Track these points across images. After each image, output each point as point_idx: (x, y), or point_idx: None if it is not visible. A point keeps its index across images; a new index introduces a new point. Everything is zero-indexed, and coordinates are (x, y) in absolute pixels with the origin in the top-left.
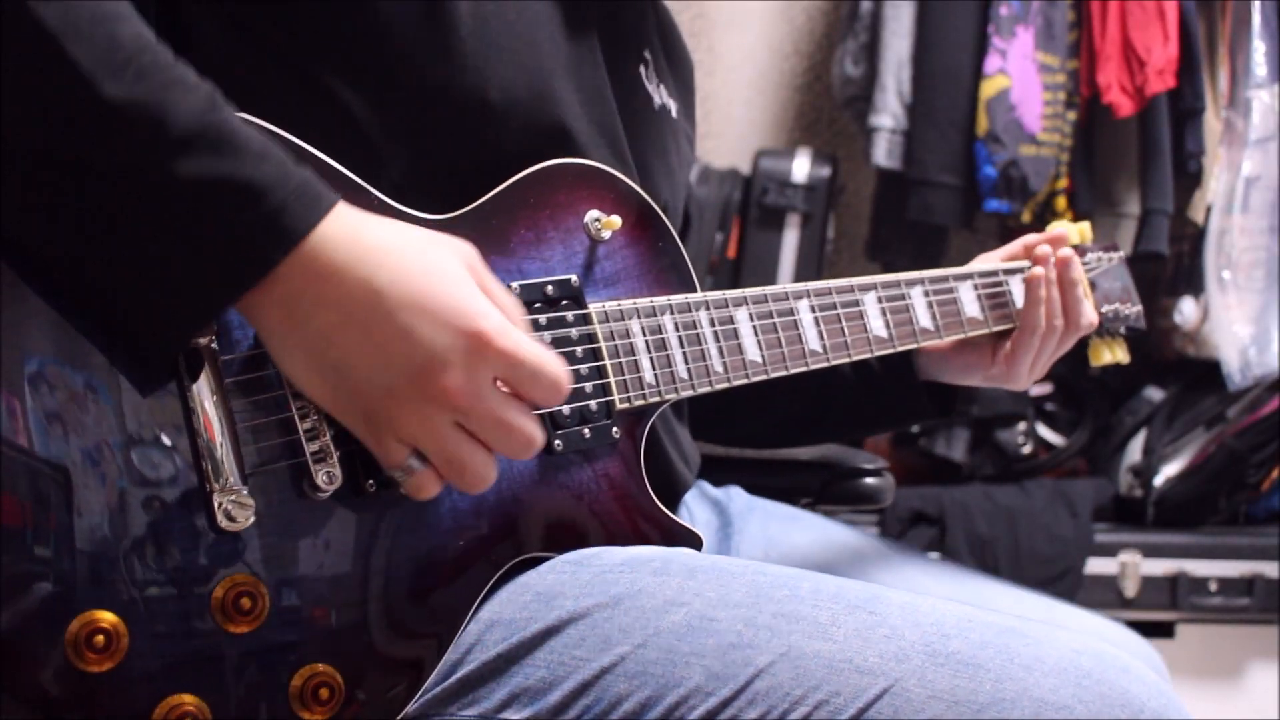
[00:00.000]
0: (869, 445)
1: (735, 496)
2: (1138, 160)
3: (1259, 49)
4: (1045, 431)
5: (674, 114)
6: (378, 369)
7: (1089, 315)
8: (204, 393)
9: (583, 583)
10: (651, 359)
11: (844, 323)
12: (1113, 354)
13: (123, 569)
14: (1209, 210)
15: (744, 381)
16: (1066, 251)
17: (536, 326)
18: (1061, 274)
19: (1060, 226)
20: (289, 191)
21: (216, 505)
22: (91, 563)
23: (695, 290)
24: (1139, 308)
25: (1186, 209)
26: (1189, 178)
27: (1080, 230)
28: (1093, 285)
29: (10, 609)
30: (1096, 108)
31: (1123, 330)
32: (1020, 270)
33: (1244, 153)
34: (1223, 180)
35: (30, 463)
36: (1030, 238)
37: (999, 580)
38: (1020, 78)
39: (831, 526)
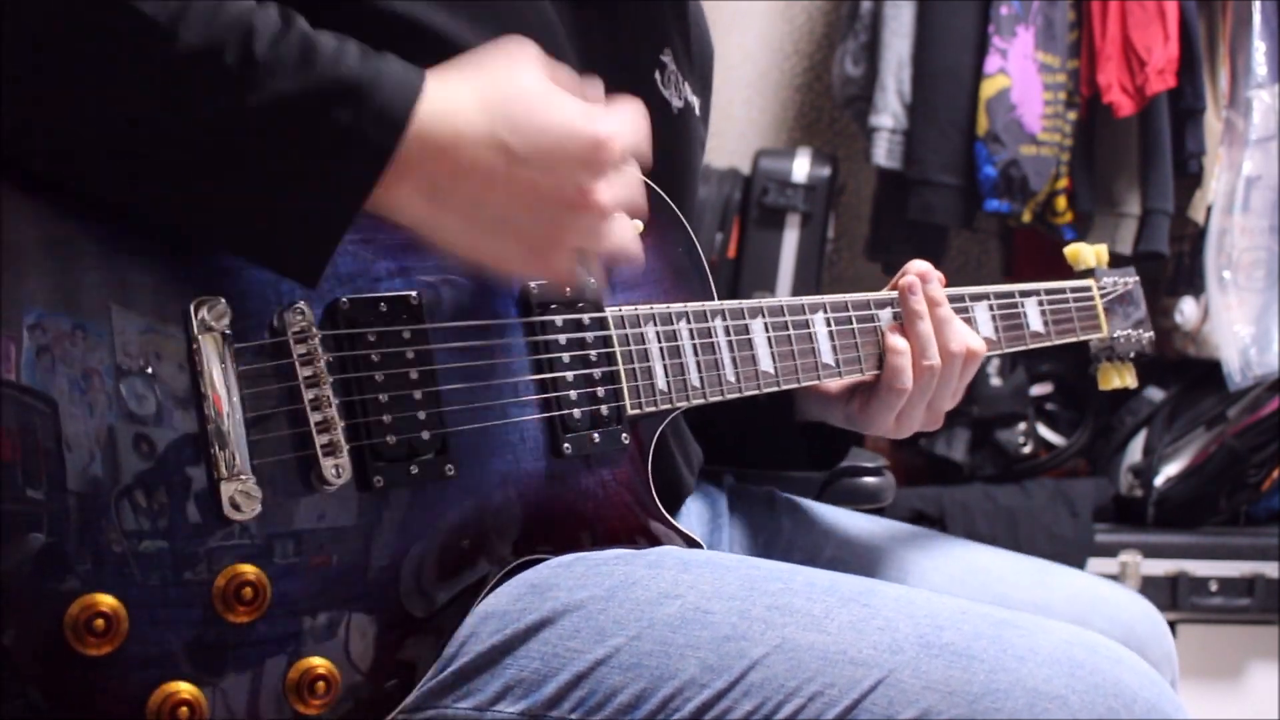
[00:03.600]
0: (869, 444)
1: (724, 485)
2: (1138, 160)
3: (1259, 49)
4: (1045, 431)
5: (696, 111)
6: (537, 208)
7: (968, 340)
8: (216, 380)
9: (577, 575)
10: (665, 365)
11: (858, 337)
12: (1121, 379)
13: (125, 553)
14: (1209, 210)
15: (755, 392)
16: (908, 280)
17: (553, 328)
18: (910, 304)
19: (1078, 249)
20: (381, 80)
21: (224, 494)
22: (94, 546)
23: (713, 298)
24: (1150, 334)
25: (1187, 209)
26: (1189, 178)
27: (1097, 253)
28: (1107, 310)
29: (10, 589)
30: (1097, 108)
31: (1133, 355)
32: (1036, 294)
33: (1244, 152)
34: (1223, 180)
35: (26, 439)
36: None
37: (987, 546)
38: (1020, 77)
39: (816, 506)
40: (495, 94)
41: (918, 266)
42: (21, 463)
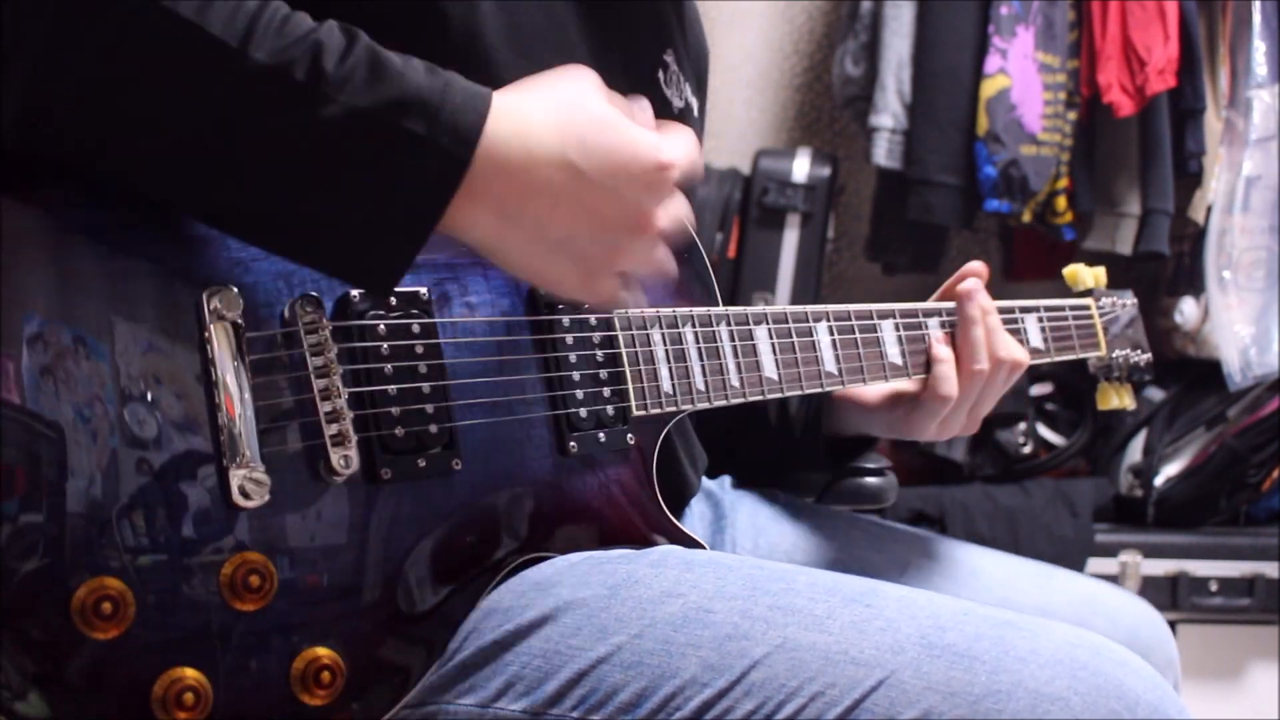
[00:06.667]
0: None
1: (727, 487)
2: (1138, 160)
3: (1259, 49)
4: (1045, 431)
5: (695, 112)
6: (601, 230)
7: (1014, 351)
8: (226, 369)
9: (580, 573)
10: (671, 369)
11: (860, 348)
12: (1120, 399)
13: (134, 538)
14: (1209, 210)
15: (759, 398)
16: (971, 284)
17: (560, 327)
18: (966, 309)
19: (1076, 270)
20: (451, 93)
21: (233, 481)
22: (102, 530)
23: (717, 303)
24: (1149, 356)
25: (1187, 209)
26: (1189, 178)
27: (1095, 275)
28: (1105, 329)
29: (17, 570)
30: (1097, 107)
31: (1132, 377)
32: (1036, 310)
33: (1244, 152)
34: (1223, 180)
35: (35, 424)
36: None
37: (989, 550)
38: (1020, 77)
39: (819, 510)
40: (565, 115)
41: (975, 268)
42: (30, 445)
